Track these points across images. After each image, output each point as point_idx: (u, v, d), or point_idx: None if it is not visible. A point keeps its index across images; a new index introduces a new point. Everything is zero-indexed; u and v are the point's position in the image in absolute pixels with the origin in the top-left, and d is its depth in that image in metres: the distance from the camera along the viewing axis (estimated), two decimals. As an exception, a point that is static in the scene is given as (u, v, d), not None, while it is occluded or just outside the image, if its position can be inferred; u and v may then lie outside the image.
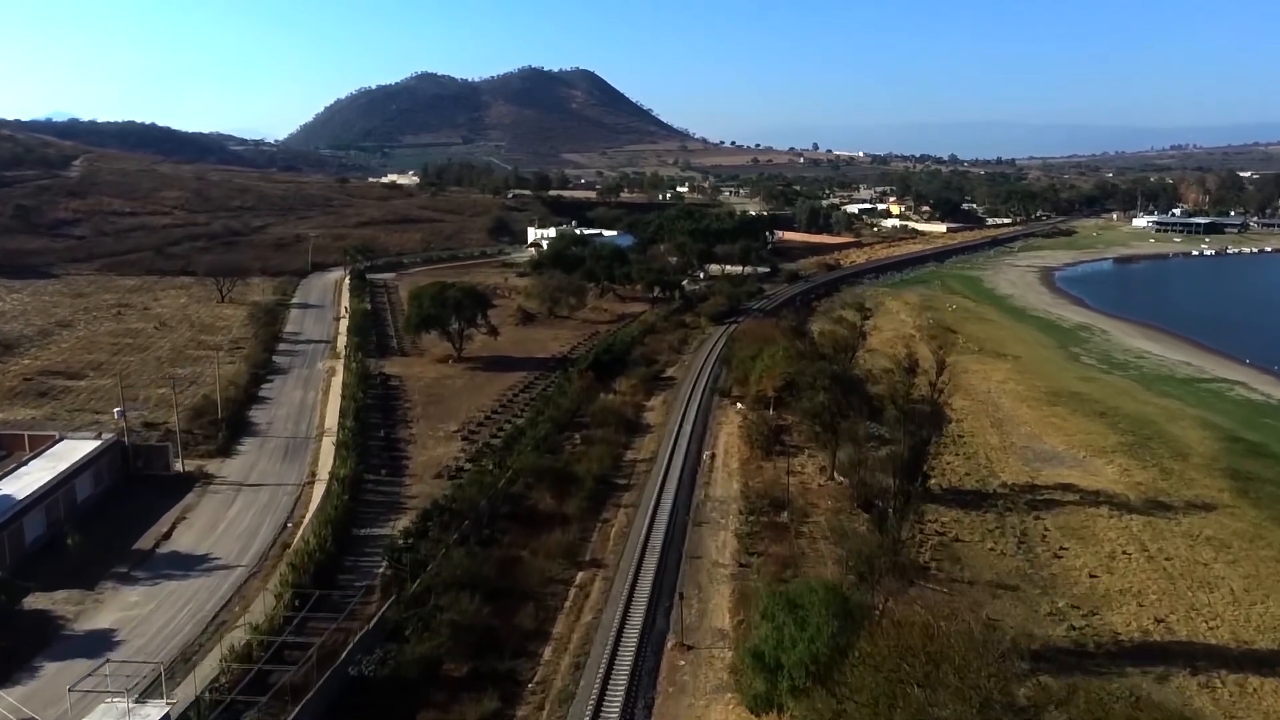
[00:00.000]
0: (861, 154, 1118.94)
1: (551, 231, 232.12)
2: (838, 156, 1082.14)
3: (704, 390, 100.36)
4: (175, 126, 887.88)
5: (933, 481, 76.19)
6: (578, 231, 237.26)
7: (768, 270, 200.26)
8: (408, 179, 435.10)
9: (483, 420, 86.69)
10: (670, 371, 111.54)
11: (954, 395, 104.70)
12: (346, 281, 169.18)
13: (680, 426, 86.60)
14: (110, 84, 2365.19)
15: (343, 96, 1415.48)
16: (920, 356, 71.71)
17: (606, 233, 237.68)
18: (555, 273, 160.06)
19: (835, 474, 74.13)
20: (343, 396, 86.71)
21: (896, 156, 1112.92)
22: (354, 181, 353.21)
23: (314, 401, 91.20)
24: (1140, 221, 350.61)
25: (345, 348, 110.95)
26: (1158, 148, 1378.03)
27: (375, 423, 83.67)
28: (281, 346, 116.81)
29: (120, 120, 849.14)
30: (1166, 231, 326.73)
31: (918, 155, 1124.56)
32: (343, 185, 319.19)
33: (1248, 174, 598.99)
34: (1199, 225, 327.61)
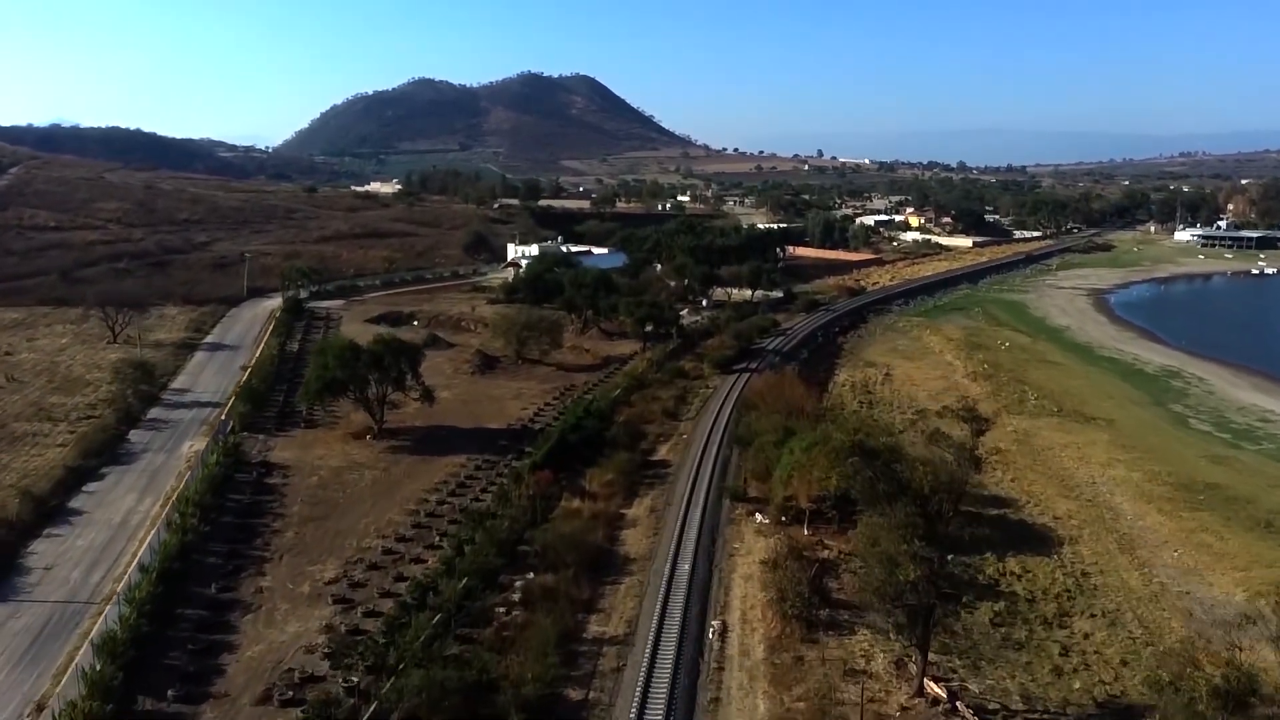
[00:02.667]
0: (867, 161, 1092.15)
1: (534, 249, 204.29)
2: (843, 163, 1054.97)
3: (709, 487, 71.95)
4: (165, 132, 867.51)
5: (1060, 684, 47.96)
6: (564, 249, 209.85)
7: (781, 296, 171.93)
8: (391, 187, 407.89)
9: (380, 556, 58.28)
10: (663, 452, 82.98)
11: (1040, 487, 76.94)
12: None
13: (674, 563, 58.14)
14: (112, 91, 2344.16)
15: (339, 102, 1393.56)
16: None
17: (596, 250, 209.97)
18: (526, 306, 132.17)
19: (927, 680, 45.39)
20: (164, 523, 58.27)
21: (903, 163, 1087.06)
22: (323, 191, 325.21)
23: (144, 519, 62.75)
24: (1183, 235, 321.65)
25: (224, 418, 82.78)
26: (1166, 154, 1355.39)
27: (213, 564, 55.38)
28: (152, 413, 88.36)
29: (105, 126, 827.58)
30: (1214, 246, 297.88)
31: (925, 162, 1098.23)
32: (310, 195, 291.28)
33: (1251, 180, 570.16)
34: (1250, 240, 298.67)
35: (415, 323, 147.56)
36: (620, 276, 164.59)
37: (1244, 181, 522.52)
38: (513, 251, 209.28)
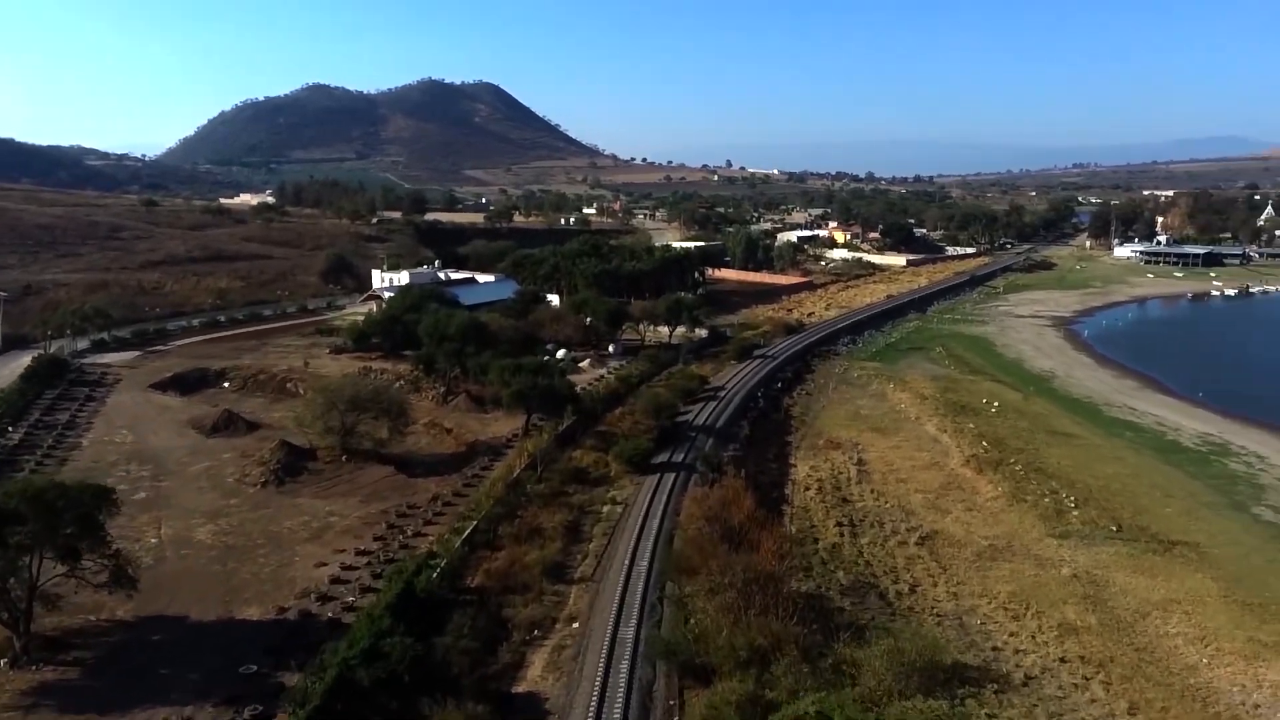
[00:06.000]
0: (776, 172, 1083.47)
1: (404, 276, 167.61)
2: (753, 174, 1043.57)
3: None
4: (36, 141, 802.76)
5: None
6: (441, 276, 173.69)
7: (706, 336, 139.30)
8: (264, 198, 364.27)
9: None
10: (535, 672, 47.55)
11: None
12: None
13: None
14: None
15: (227, 109, 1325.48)
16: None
17: (481, 278, 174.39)
18: (356, 375, 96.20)
19: None
20: None
21: (813, 174, 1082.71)
22: (171, 203, 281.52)
23: None
24: (1123, 251, 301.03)
25: None
26: (1060, 166, 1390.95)
27: None
28: None
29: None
30: (1159, 263, 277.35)
31: (834, 173, 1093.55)
32: (149, 209, 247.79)
33: (1171, 192, 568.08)
34: (1196, 256, 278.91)
35: (226, 384, 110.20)
36: (506, 315, 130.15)
37: (1170, 193, 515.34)
38: (378, 280, 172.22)
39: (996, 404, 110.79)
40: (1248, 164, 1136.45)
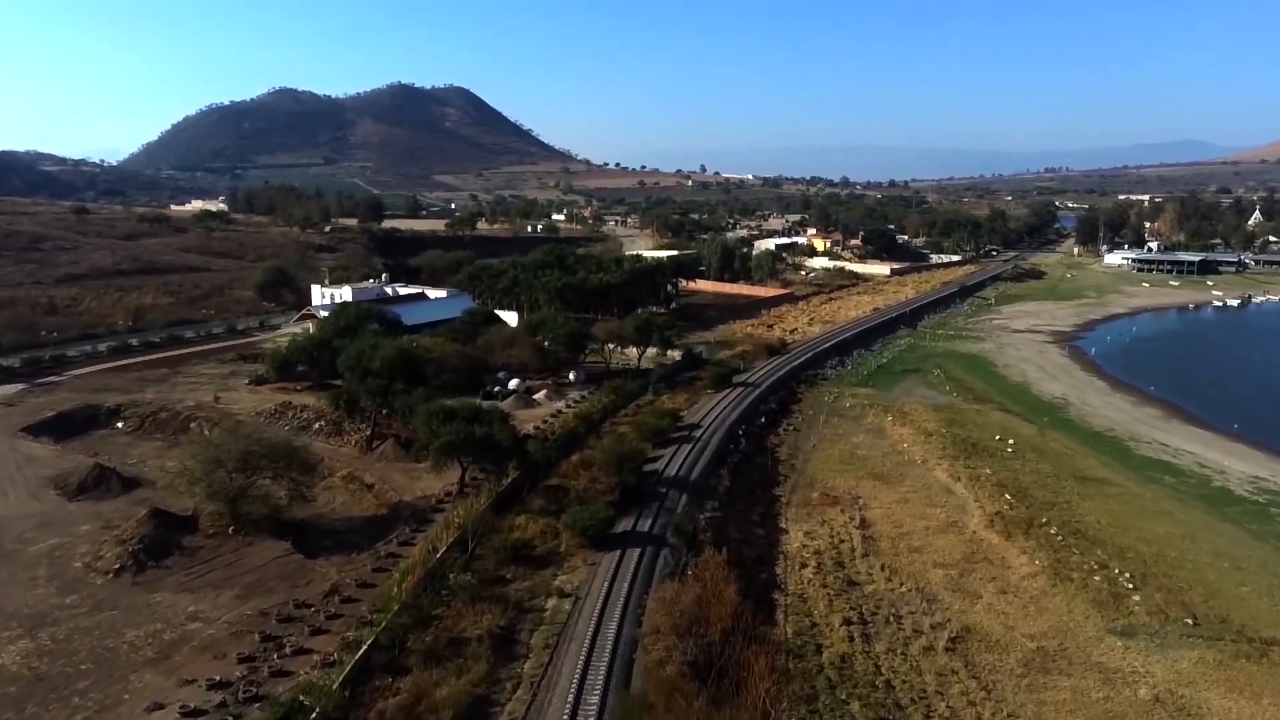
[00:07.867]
0: (751, 176, 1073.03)
1: (347, 292, 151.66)
2: (727, 179, 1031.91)
3: None
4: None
5: None
6: (388, 290, 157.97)
7: (680, 359, 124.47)
8: (206, 205, 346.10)
9: None
10: None
11: None
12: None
13: None
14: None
15: (191, 113, 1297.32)
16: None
17: (432, 293, 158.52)
18: (258, 422, 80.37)
19: None
20: None
21: (787, 179, 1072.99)
22: (103, 211, 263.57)
23: None
24: (1113, 258, 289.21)
25: None
26: (1033, 170, 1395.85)
27: None
28: None
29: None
30: (1152, 271, 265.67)
31: (809, 177, 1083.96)
32: (80, 217, 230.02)
33: (1146, 197, 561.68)
34: (1191, 264, 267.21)
35: (120, 424, 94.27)
36: (452, 339, 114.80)
37: (1147, 198, 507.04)
38: (318, 296, 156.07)
39: (1011, 441, 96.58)
40: (1217, 167, 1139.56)
